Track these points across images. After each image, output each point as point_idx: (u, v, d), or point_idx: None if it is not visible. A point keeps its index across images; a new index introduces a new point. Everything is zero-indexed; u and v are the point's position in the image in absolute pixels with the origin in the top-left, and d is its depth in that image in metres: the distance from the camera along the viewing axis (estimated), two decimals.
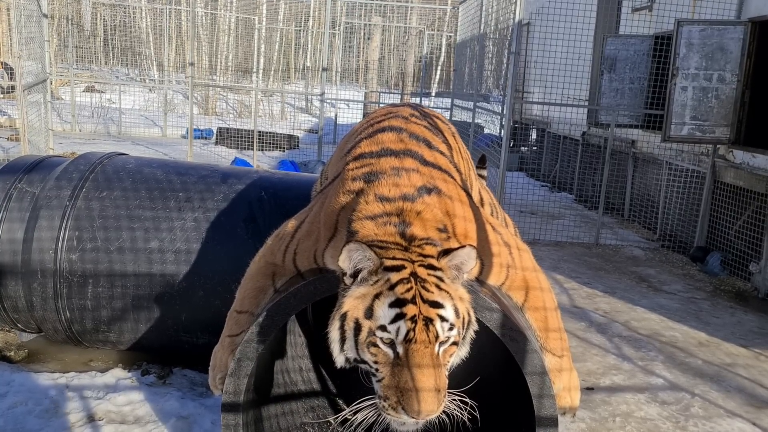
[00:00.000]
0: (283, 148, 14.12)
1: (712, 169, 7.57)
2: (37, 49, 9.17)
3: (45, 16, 9.50)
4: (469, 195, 2.39)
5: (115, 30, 22.73)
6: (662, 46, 8.04)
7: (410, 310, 1.83)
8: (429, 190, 2.12)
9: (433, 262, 1.91)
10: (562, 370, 2.42)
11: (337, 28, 19.59)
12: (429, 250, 1.94)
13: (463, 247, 1.91)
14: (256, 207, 3.76)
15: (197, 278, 3.63)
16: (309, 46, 25.17)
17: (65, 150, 10.97)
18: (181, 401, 3.48)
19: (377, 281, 1.88)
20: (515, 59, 8.36)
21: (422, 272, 1.88)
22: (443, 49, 23.83)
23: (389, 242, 1.95)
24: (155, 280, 3.64)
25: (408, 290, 1.84)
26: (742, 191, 7.08)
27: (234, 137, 13.75)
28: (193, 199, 3.77)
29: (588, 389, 4.10)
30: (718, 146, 7.50)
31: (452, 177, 2.32)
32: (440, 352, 1.86)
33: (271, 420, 2.70)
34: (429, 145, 2.37)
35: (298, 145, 14.75)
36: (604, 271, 7.05)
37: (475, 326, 1.99)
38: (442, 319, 1.85)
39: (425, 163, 2.25)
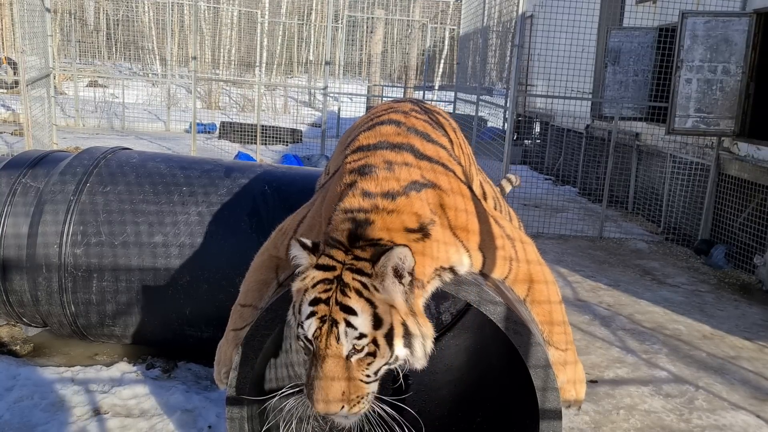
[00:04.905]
0: (287, 142, 14.12)
1: (716, 161, 7.55)
2: (40, 43, 9.17)
3: (48, 10, 9.49)
4: (471, 189, 2.38)
5: (117, 24, 22.73)
6: (666, 38, 8.00)
7: (321, 309, 1.86)
8: (422, 185, 2.10)
9: (365, 266, 1.88)
10: (566, 363, 2.42)
11: (339, 22, 19.54)
12: (370, 252, 1.91)
13: (391, 248, 1.85)
14: (260, 201, 3.76)
15: (201, 272, 3.64)
16: (312, 39, 25.12)
17: (69, 145, 10.99)
18: (186, 395, 3.49)
19: (305, 278, 1.93)
20: (518, 52, 8.33)
21: (347, 276, 1.88)
22: (446, 42, 23.76)
23: (337, 241, 1.95)
24: (159, 274, 3.65)
25: (325, 291, 1.87)
26: (746, 184, 7.06)
27: (237, 131, 13.77)
28: (196, 194, 3.77)
29: (592, 382, 4.10)
30: (722, 139, 7.47)
31: (452, 171, 2.31)
32: (352, 359, 1.86)
33: (276, 413, 2.71)
34: (428, 139, 2.36)
35: (301, 139, 14.74)
36: (607, 264, 7.04)
37: (419, 337, 1.91)
38: (349, 324, 1.84)
39: (423, 157, 2.23)
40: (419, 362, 1.95)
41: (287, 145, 14.00)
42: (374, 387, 1.93)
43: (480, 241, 2.23)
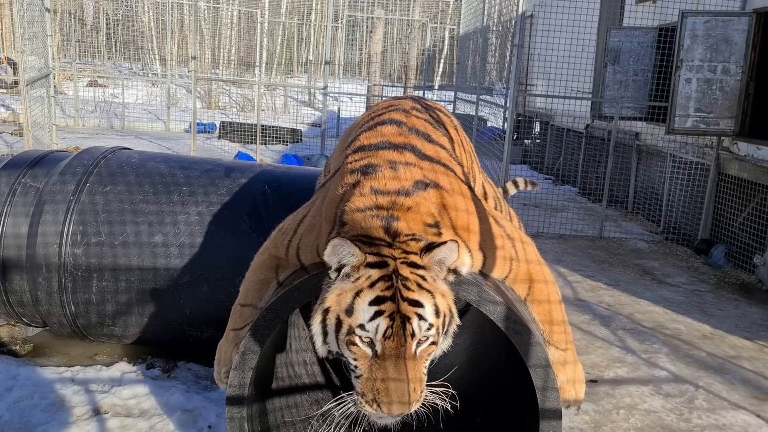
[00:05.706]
0: (286, 142, 14.12)
1: (716, 161, 7.55)
2: (40, 43, 9.17)
3: (47, 10, 9.49)
4: (471, 188, 2.38)
5: (117, 24, 22.74)
6: (666, 37, 8.00)
7: (389, 307, 1.84)
8: (426, 185, 2.10)
9: (416, 259, 1.91)
10: (566, 363, 2.42)
11: (339, 22, 19.54)
12: (413, 246, 1.93)
13: (445, 242, 1.90)
14: (260, 201, 3.76)
15: (201, 272, 3.64)
16: (312, 39, 25.12)
17: (69, 145, 10.99)
18: (186, 395, 3.49)
19: (359, 278, 1.89)
20: (518, 52, 8.33)
21: (405, 270, 1.88)
22: (446, 42, 23.75)
23: (374, 237, 1.94)
24: (159, 274, 3.64)
25: (388, 288, 1.85)
26: (746, 183, 7.06)
27: (237, 131, 13.77)
28: (196, 193, 3.77)
29: (592, 382, 4.10)
30: (722, 138, 7.47)
31: (453, 171, 2.31)
32: (418, 352, 1.88)
33: (276, 413, 2.71)
34: (429, 139, 2.36)
35: (301, 139, 14.75)
36: (607, 263, 7.04)
37: (457, 321, 1.99)
38: (420, 317, 1.86)
39: (424, 157, 2.24)
40: (443, 349, 1.99)
41: (287, 145, 14.00)
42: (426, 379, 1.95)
43: (480, 241, 2.23)
